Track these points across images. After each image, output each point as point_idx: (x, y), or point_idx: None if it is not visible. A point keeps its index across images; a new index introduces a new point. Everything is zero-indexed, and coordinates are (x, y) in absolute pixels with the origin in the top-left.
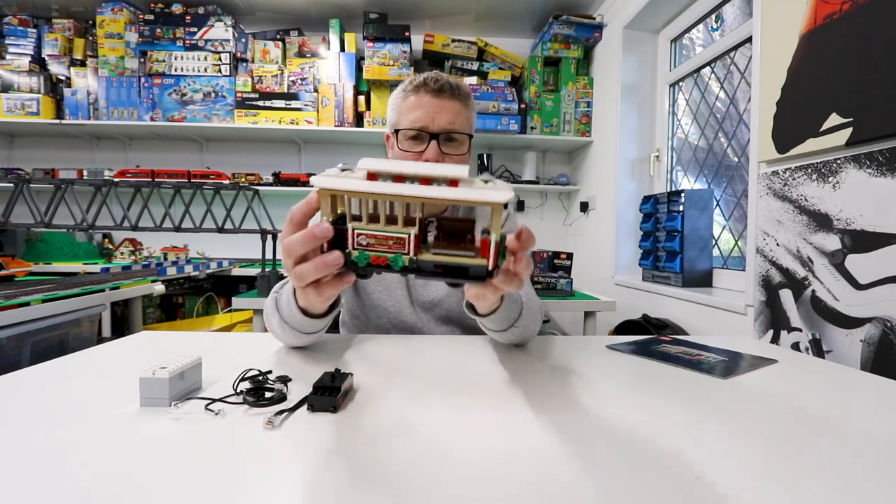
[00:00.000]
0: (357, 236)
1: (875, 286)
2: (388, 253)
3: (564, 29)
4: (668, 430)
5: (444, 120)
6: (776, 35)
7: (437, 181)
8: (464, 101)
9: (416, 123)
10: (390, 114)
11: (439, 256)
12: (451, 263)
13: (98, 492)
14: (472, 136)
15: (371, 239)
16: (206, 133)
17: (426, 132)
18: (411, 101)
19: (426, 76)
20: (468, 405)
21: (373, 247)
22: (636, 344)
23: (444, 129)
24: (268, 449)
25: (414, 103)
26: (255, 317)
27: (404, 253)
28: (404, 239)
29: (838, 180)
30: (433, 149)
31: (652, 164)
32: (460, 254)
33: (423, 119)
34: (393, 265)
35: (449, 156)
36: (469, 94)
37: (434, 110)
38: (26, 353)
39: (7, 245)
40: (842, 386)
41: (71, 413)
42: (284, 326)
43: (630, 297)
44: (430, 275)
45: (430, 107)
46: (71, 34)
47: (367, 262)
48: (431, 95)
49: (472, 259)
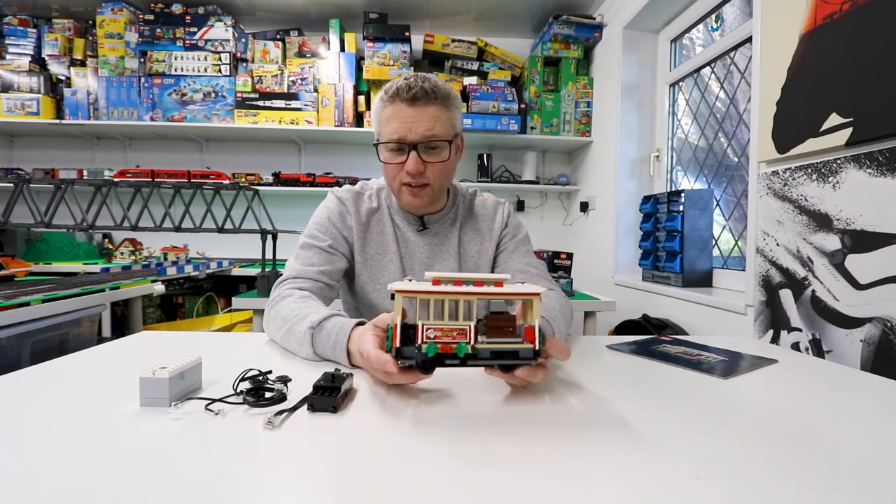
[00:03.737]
0: (426, 330)
1: (875, 286)
2: (452, 342)
3: (564, 29)
4: (668, 430)
5: (421, 128)
6: (776, 35)
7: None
8: (442, 103)
9: (395, 135)
10: (374, 124)
11: (493, 344)
12: (504, 349)
13: (98, 492)
14: (458, 135)
15: (437, 332)
16: (206, 133)
17: (405, 143)
18: (388, 111)
19: (399, 84)
20: (467, 404)
21: (439, 339)
22: (636, 344)
23: (424, 137)
24: (268, 449)
25: (391, 114)
26: (255, 317)
27: (466, 342)
28: (466, 329)
29: (838, 180)
30: (413, 159)
31: (652, 164)
32: (510, 341)
33: (401, 130)
34: (458, 352)
35: (431, 163)
36: (448, 93)
37: (410, 119)
38: (26, 353)
39: (7, 245)
40: (842, 386)
41: (71, 413)
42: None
43: (630, 297)
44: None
45: (407, 116)
46: (71, 34)
47: (436, 351)
48: (406, 104)
49: (519, 344)
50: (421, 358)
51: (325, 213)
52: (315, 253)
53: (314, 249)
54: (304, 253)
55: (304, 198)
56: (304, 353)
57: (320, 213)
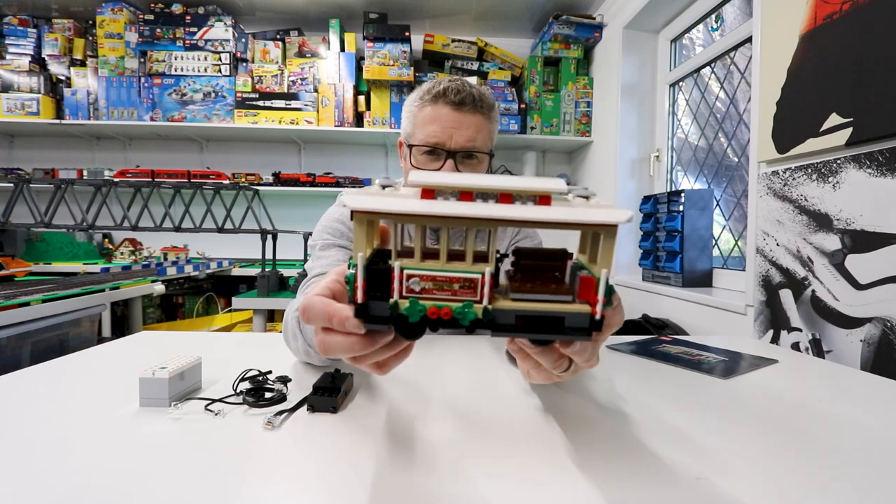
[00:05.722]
0: (408, 279)
1: (875, 286)
2: (452, 301)
3: (564, 29)
4: (669, 430)
5: (463, 137)
6: (776, 35)
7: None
8: (486, 114)
9: (432, 139)
10: (404, 122)
11: (523, 303)
12: (540, 310)
13: (98, 492)
14: (492, 154)
15: (428, 282)
16: (206, 133)
17: (442, 149)
18: (427, 112)
19: (446, 85)
20: (467, 404)
21: (430, 293)
22: (636, 344)
23: (463, 147)
24: (268, 449)
25: (430, 115)
26: (255, 317)
27: (476, 301)
28: (476, 280)
29: (838, 180)
30: (449, 168)
31: (652, 164)
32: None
33: (440, 135)
34: (461, 319)
35: None
36: (493, 104)
37: (452, 125)
38: (26, 353)
39: (7, 245)
40: (842, 386)
41: (71, 413)
42: (310, 351)
43: (630, 297)
44: (509, 329)
45: (449, 121)
46: (71, 34)
47: (422, 316)
48: (451, 108)
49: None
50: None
51: (338, 217)
52: (337, 251)
53: (334, 248)
54: (325, 253)
55: (304, 198)
56: (301, 350)
57: (332, 217)
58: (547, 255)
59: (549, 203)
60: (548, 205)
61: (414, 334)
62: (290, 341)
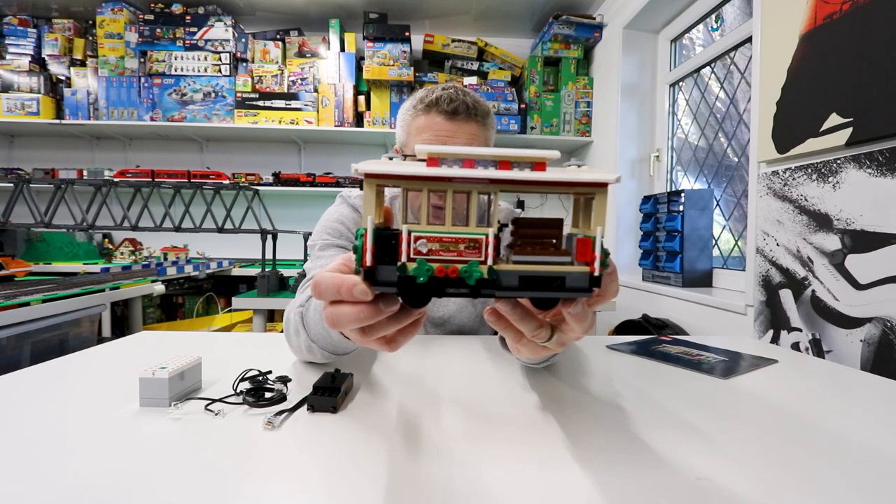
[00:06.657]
0: (415, 241)
1: (875, 286)
2: (458, 261)
3: (564, 29)
4: (669, 430)
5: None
6: (776, 35)
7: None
8: (481, 122)
9: None
10: (399, 130)
11: (525, 265)
12: (542, 271)
13: (98, 492)
14: None
15: (434, 244)
16: (206, 133)
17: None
18: (421, 121)
19: (439, 94)
20: (467, 404)
21: (437, 254)
22: (636, 344)
23: None
24: (268, 449)
25: (423, 124)
26: (255, 317)
27: (480, 261)
28: (480, 241)
29: (838, 180)
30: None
31: (652, 164)
32: (552, 260)
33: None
34: (466, 278)
35: None
36: (488, 111)
37: (446, 134)
38: (26, 353)
39: (7, 245)
40: (842, 386)
41: (71, 413)
42: (313, 347)
43: (630, 297)
44: (513, 289)
45: (442, 130)
46: (71, 34)
47: (430, 275)
48: (444, 117)
49: (567, 265)
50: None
51: (338, 218)
52: (337, 251)
53: (334, 248)
54: (324, 253)
55: (304, 198)
56: (304, 347)
57: (332, 217)
58: (545, 224)
59: (545, 168)
60: (543, 170)
61: (421, 301)
62: (292, 338)
